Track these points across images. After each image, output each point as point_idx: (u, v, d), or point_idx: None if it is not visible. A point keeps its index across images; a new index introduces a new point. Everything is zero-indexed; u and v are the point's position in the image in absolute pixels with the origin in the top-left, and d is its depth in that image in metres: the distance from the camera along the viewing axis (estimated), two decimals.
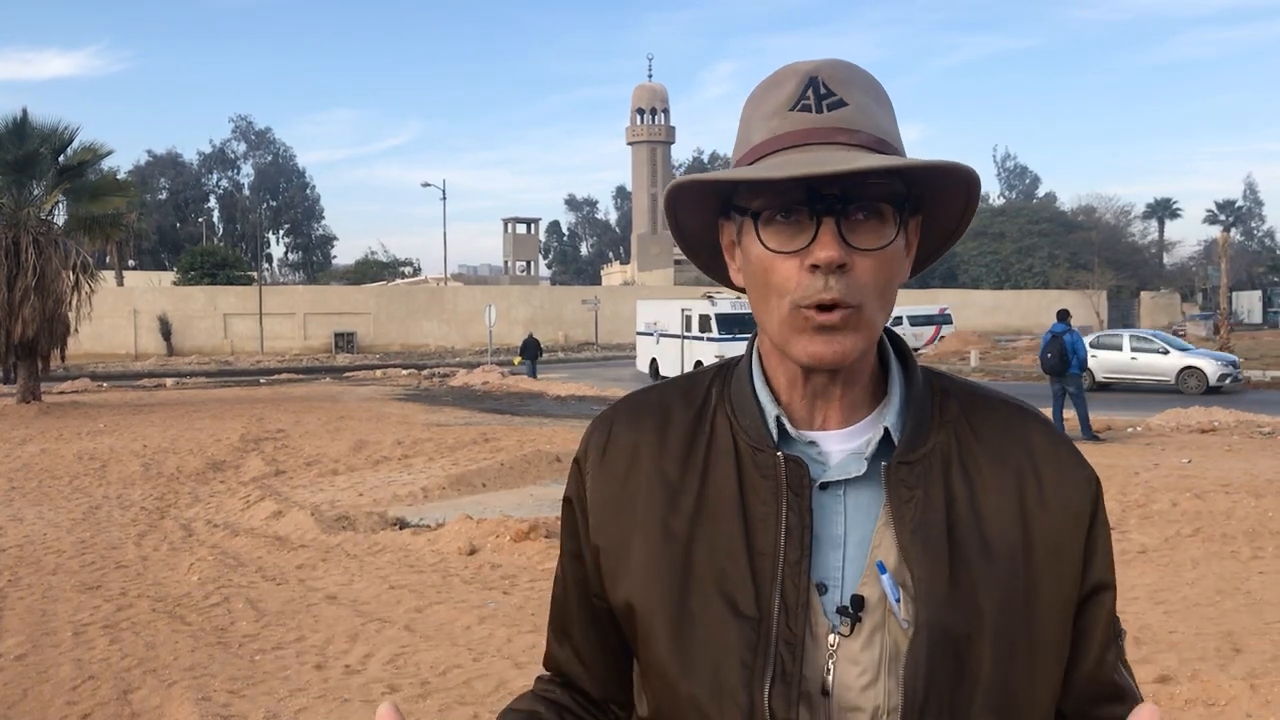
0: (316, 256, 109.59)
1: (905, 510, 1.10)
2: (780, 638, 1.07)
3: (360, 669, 6.00)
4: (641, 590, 1.15)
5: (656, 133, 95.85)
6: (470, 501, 11.77)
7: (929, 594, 1.07)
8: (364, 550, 9.14)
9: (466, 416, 22.54)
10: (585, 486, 1.24)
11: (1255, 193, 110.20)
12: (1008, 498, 1.14)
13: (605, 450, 1.24)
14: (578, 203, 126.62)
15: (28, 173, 24.11)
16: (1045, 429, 1.21)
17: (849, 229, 1.07)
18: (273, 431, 18.54)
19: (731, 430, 1.18)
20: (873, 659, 1.07)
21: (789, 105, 1.10)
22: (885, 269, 1.09)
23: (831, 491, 1.13)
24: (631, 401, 1.28)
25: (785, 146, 1.09)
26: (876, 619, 1.08)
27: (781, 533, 1.10)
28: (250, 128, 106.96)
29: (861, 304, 1.07)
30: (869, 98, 1.11)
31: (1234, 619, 6.55)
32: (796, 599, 1.08)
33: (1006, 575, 1.10)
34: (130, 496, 12.30)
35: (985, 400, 1.22)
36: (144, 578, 8.34)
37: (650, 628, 1.14)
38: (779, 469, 1.13)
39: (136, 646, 6.49)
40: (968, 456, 1.16)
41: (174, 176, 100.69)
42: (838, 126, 1.08)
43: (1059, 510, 1.15)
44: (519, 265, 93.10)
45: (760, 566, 1.10)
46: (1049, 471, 1.17)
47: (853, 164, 1.01)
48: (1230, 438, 16.10)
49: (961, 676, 1.07)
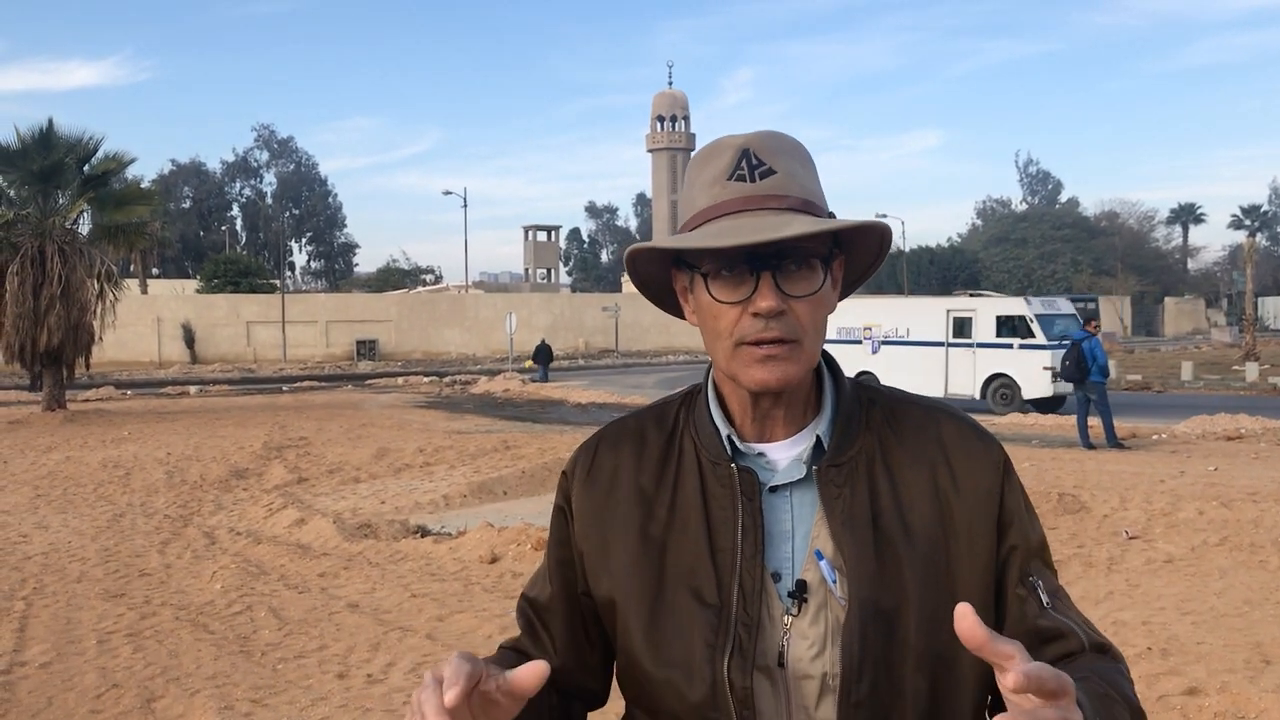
0: (339, 264, 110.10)
1: (835, 505, 1.29)
2: (739, 620, 1.26)
3: (382, 678, 6.00)
4: (622, 587, 1.35)
5: (676, 139, 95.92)
6: (491, 509, 11.77)
7: (858, 574, 1.25)
8: (386, 558, 9.15)
9: (488, 424, 22.57)
10: (571, 499, 1.44)
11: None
12: (924, 488, 1.32)
13: (590, 470, 1.44)
14: (598, 210, 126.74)
15: (53, 182, 24.31)
16: (953, 423, 1.38)
17: (783, 279, 1.26)
18: (295, 439, 18.61)
19: (695, 449, 1.38)
20: (819, 633, 1.26)
21: (726, 175, 1.29)
22: (818, 308, 1.29)
23: (780, 493, 1.33)
24: (613, 430, 1.48)
25: (726, 213, 1.28)
26: (820, 599, 1.27)
27: (739, 532, 1.30)
28: (273, 136, 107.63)
29: (800, 339, 1.27)
30: (795, 163, 1.30)
31: (1263, 629, 6.47)
32: (753, 587, 1.27)
33: (927, 554, 1.28)
34: (154, 504, 12.36)
35: (903, 405, 1.40)
36: (167, 586, 8.37)
37: (628, 619, 1.34)
38: (734, 479, 1.33)
39: (160, 655, 6.51)
40: (889, 456, 1.34)
41: (197, 185, 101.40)
42: (769, 194, 1.27)
43: (970, 492, 1.32)
44: (540, 273, 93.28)
45: (721, 562, 1.30)
46: (958, 459, 1.34)
47: (784, 231, 1.20)
48: (1257, 445, 15.94)
49: (893, 643, 1.24)
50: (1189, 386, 30.13)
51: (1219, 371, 35.08)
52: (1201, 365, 36.18)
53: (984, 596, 1.30)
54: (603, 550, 1.38)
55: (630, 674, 1.36)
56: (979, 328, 23.82)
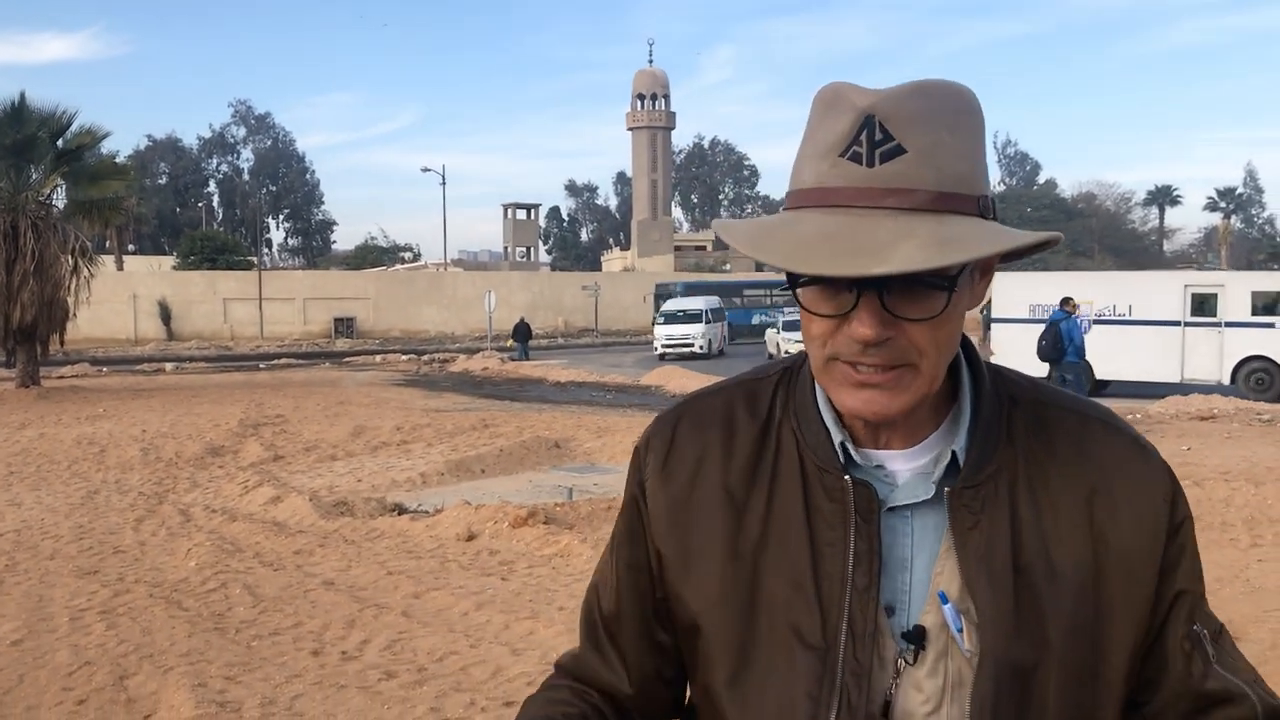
0: (316, 241, 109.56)
1: (969, 537, 1.07)
2: (847, 668, 1.06)
3: (357, 655, 5.99)
4: (708, 613, 1.14)
5: (657, 118, 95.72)
6: (469, 487, 11.75)
7: (993, 625, 1.04)
8: (362, 536, 9.12)
9: (466, 402, 22.52)
10: (645, 490, 1.21)
11: (1256, 180, 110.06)
12: (1078, 519, 1.09)
13: (668, 457, 1.20)
14: (578, 188, 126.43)
15: (26, 156, 24.05)
16: (1113, 436, 1.14)
17: (895, 299, 1.00)
18: (272, 417, 18.52)
19: (798, 447, 1.14)
20: (936, 686, 1.06)
21: (839, 148, 1.00)
22: (941, 329, 1.02)
23: (899, 514, 1.10)
24: (695, 407, 1.23)
25: (827, 203, 1.00)
26: (940, 647, 1.06)
27: (850, 559, 1.08)
28: (250, 112, 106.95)
29: (916, 364, 1.02)
30: (940, 132, 0.99)
31: (1233, 607, 6.54)
32: (864, 628, 1.06)
33: (1074, 602, 1.07)
34: (129, 481, 12.28)
35: (1052, 410, 1.15)
36: (141, 563, 8.32)
37: (712, 653, 1.13)
38: (847, 494, 1.09)
39: (133, 632, 6.47)
40: (1036, 476, 1.10)
41: (174, 161, 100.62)
42: (888, 187, 0.97)
43: (1132, 528, 1.10)
44: (519, 251, 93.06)
45: (827, 593, 1.08)
46: (1121, 485, 1.11)
47: (885, 265, 0.92)
48: (1230, 425, 16.08)
49: (1028, 705, 1.05)
50: None
51: None
52: None
53: (1134, 651, 1.11)
54: (684, 561, 1.16)
55: (709, 715, 1.17)
56: (1228, 305, 21.36)
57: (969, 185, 1.00)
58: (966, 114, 1.03)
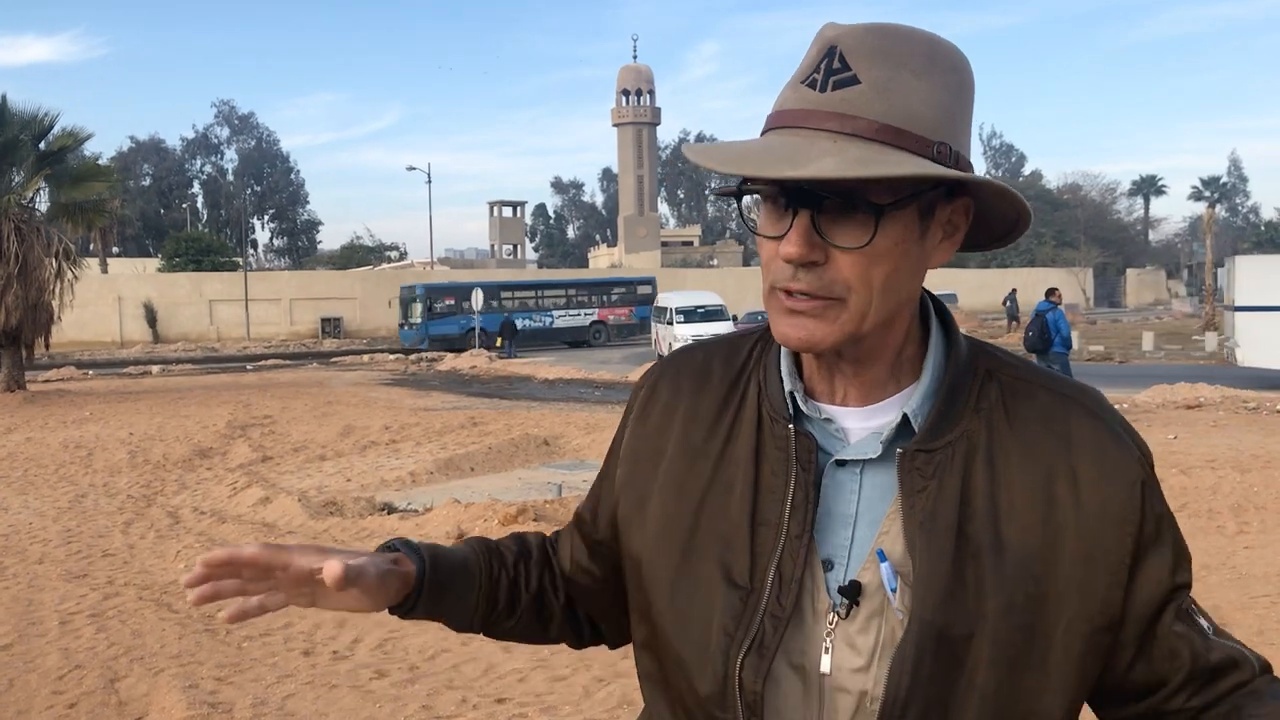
0: (302, 242, 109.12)
1: (916, 500, 1.06)
2: (768, 610, 1.07)
3: (348, 654, 5.99)
4: (651, 547, 1.18)
5: (642, 114, 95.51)
6: (458, 485, 11.74)
7: (926, 587, 1.04)
8: (352, 535, 9.11)
9: (454, 401, 22.49)
10: (624, 433, 1.29)
11: (1239, 169, 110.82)
12: (1034, 494, 1.07)
13: (646, 404, 1.26)
14: (564, 185, 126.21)
15: (8, 159, 23.93)
16: (1092, 420, 1.11)
17: (826, 222, 1.02)
18: (260, 418, 18.48)
19: (759, 396, 1.17)
20: (868, 644, 1.06)
21: (803, 76, 1.05)
22: (876, 264, 1.02)
23: (849, 469, 1.11)
24: (678, 358, 1.29)
25: (779, 125, 1.04)
26: (874, 605, 1.06)
27: (787, 506, 1.09)
28: (233, 112, 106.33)
29: (843, 297, 1.03)
30: (901, 72, 1.01)
31: (1220, 594, 6.58)
32: (792, 573, 1.07)
33: (1018, 577, 1.05)
34: (116, 484, 12.23)
35: (1029, 385, 1.13)
36: (130, 566, 8.30)
37: (652, 584, 1.18)
38: (790, 441, 1.11)
39: (123, 635, 6.46)
40: (997, 447, 1.09)
41: (157, 163, 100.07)
42: (833, 111, 1.01)
43: (1095, 514, 1.07)
44: (506, 249, 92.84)
45: (761, 537, 1.10)
46: (1087, 469, 1.08)
47: (796, 171, 0.96)
48: (1216, 413, 16.16)
49: (955, 677, 1.03)
50: (1150, 356, 30.45)
51: (1179, 341, 35.47)
52: (1162, 335, 36.54)
53: (1089, 647, 1.08)
54: (641, 504, 1.21)
55: (647, 648, 1.21)
56: None
57: (923, 127, 1.01)
58: (943, 68, 1.04)
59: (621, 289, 49.81)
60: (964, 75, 1.07)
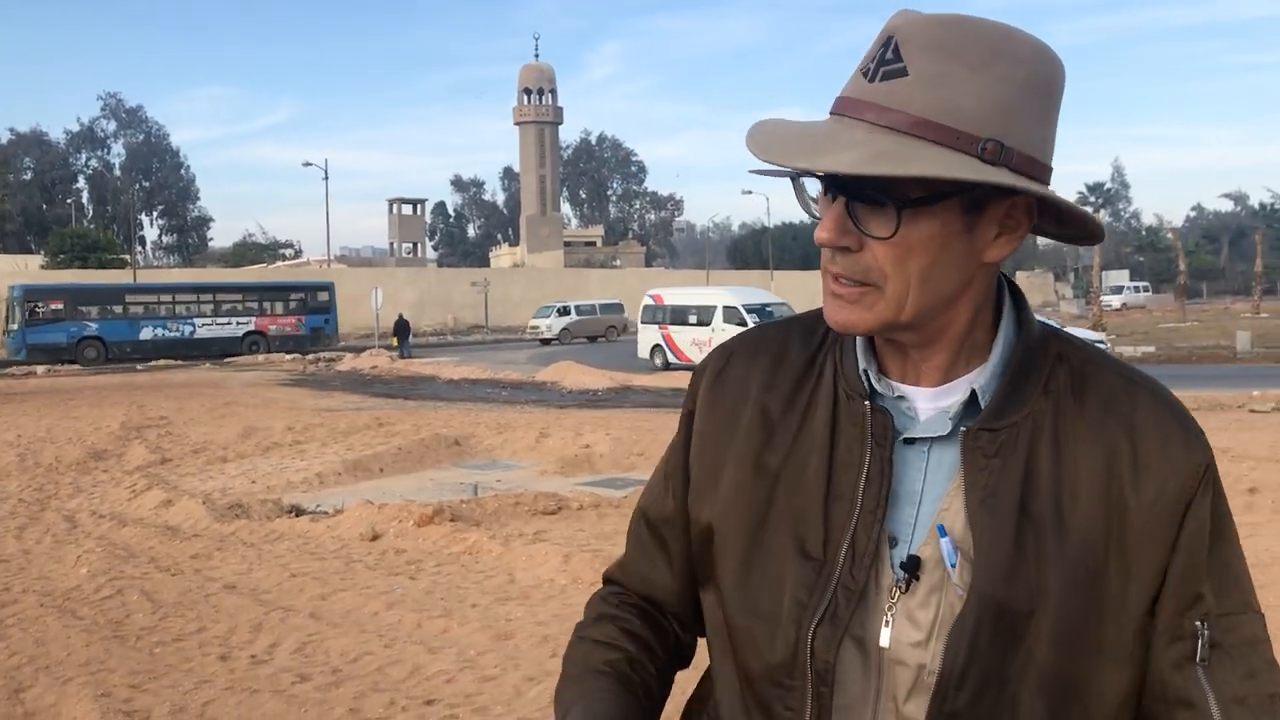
0: (192, 239, 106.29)
1: (978, 478, 1.07)
2: (841, 583, 1.09)
3: (267, 659, 5.83)
4: (723, 516, 1.19)
5: (544, 113, 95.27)
6: (369, 487, 11.55)
7: (987, 563, 1.04)
8: (261, 538, 8.89)
9: (357, 401, 22.13)
10: (695, 411, 1.27)
11: (1123, 175, 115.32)
12: (1096, 475, 1.07)
13: (716, 380, 1.26)
14: (464, 184, 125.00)
15: None
16: (1155, 403, 1.11)
17: (863, 210, 1.03)
18: (155, 419, 17.93)
19: (835, 375, 1.18)
20: (928, 619, 1.07)
21: (863, 64, 1.04)
22: (911, 255, 1.02)
23: (917, 447, 1.12)
24: (753, 336, 1.29)
25: (835, 111, 1.05)
26: (934, 580, 1.07)
27: (862, 481, 1.11)
28: (120, 105, 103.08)
29: (879, 284, 1.04)
30: (953, 64, 0.99)
31: None
32: (866, 547, 1.09)
33: (1080, 556, 1.05)
34: (6, 489, 11.73)
35: (1098, 368, 1.14)
36: (28, 572, 7.97)
37: (723, 555, 1.18)
38: (865, 418, 1.13)
39: (25, 643, 6.19)
40: (1063, 428, 1.09)
41: (39, 156, 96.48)
42: (872, 102, 1.01)
43: (1153, 493, 1.06)
44: (405, 247, 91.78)
45: (835, 511, 1.11)
46: (1148, 448, 1.08)
47: (808, 161, 0.99)
48: None
49: (1013, 653, 1.03)
50: None
51: None
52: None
53: (1138, 624, 1.07)
54: (714, 474, 1.21)
55: (715, 618, 1.21)
56: None
57: (969, 123, 0.99)
58: (1009, 60, 1.02)
59: (299, 295, 45.64)
60: (1036, 67, 1.04)
